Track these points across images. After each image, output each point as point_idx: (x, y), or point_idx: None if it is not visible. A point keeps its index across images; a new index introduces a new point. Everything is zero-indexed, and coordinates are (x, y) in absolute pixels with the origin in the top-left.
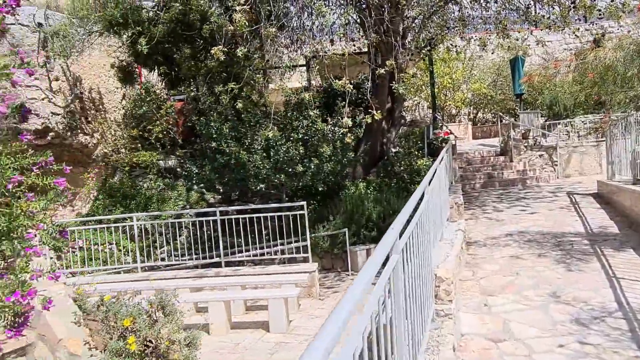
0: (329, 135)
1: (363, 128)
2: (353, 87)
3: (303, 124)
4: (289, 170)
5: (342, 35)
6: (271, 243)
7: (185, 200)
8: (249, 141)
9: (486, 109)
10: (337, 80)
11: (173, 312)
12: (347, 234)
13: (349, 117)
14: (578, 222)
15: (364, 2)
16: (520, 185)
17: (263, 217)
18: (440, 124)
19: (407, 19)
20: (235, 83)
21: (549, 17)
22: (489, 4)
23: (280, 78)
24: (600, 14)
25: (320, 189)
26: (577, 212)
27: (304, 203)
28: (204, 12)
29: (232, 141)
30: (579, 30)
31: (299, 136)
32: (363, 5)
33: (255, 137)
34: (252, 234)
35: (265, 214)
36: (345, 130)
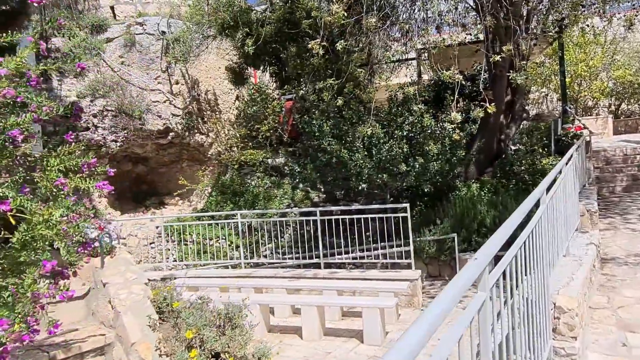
0: (437, 131)
1: (477, 124)
2: (467, 79)
3: (408, 120)
4: (392, 169)
5: (453, 23)
6: (371, 246)
7: (291, 199)
8: (350, 139)
9: (631, 100)
10: (444, 72)
11: (240, 325)
12: (456, 239)
13: (459, 112)
14: None
15: None
16: None
17: (364, 219)
18: (572, 118)
19: None
20: (334, 79)
21: None
22: None
23: (385, 73)
24: None
25: (427, 190)
26: None
27: (406, 205)
28: (309, 9)
29: (333, 139)
30: None
31: (404, 133)
32: None
33: (357, 135)
34: (352, 235)
35: (366, 215)
36: (453, 126)
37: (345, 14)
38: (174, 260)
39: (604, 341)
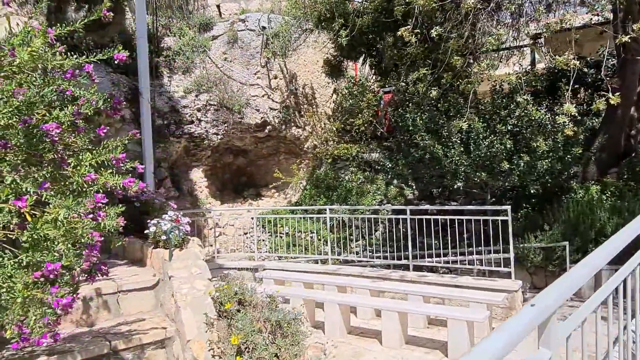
0: (548, 125)
1: (601, 117)
2: (589, 65)
3: (514, 114)
4: (492, 167)
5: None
6: (466, 250)
7: (384, 195)
8: (446, 134)
9: None
10: (557, 57)
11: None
12: (567, 248)
13: (579, 103)
14: None
15: None
16: None
17: (458, 220)
18: None
19: None
20: (428, 69)
21: None
22: None
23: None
24: None
25: (534, 191)
26: None
27: (507, 207)
28: None
29: (427, 134)
30: None
31: (508, 128)
32: None
33: (451, 129)
34: (446, 237)
35: (461, 217)
36: (566, 120)
37: None
38: (266, 251)
39: None
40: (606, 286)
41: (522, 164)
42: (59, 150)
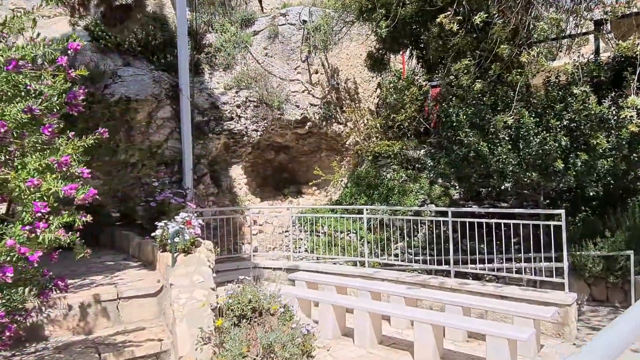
0: (611, 120)
1: None
2: None
3: (571, 107)
4: (544, 167)
5: None
6: (513, 256)
7: (427, 194)
8: (493, 130)
9: None
10: (620, 43)
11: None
12: (632, 257)
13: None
14: None
15: None
16: None
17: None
18: None
19: None
20: (471, 59)
21: None
22: None
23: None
24: None
25: (593, 193)
26: None
27: (561, 211)
28: None
29: (472, 130)
30: None
31: (563, 123)
32: None
33: (493, 124)
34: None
35: (507, 221)
36: (631, 114)
37: None
38: (305, 250)
39: None
40: None
41: (580, 163)
42: (12, 151)
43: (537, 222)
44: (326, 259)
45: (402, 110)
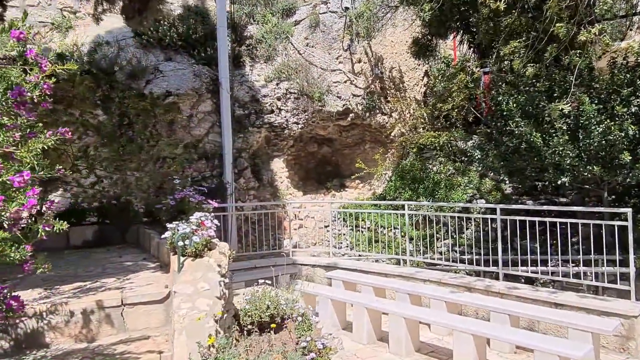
0: None
1: None
2: None
3: None
4: (608, 159)
5: None
6: (570, 258)
7: (476, 189)
8: (548, 119)
9: None
10: None
11: None
12: None
13: None
14: None
15: None
16: None
17: (561, 223)
18: None
19: None
20: (521, 41)
21: None
22: None
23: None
24: None
25: None
26: None
27: (627, 210)
28: None
29: (523, 119)
30: None
31: (631, 110)
32: None
33: (547, 112)
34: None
35: (563, 220)
36: None
37: None
38: (346, 246)
39: None
40: None
41: None
42: None
43: (598, 221)
44: (368, 256)
45: (450, 99)
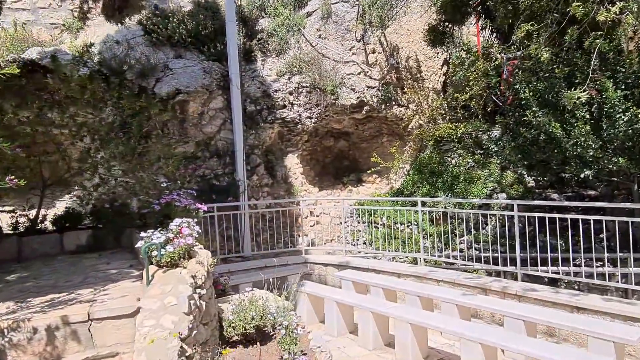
0: None
1: None
2: None
3: None
4: (635, 150)
5: None
6: (596, 256)
7: (497, 182)
8: (569, 108)
9: None
10: None
11: None
12: None
13: None
14: None
15: None
16: None
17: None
18: None
19: None
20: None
21: None
22: None
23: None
24: None
25: None
26: None
27: None
28: None
29: (540, 108)
30: None
31: None
32: None
33: (563, 100)
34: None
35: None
36: None
37: None
38: (363, 243)
39: None
40: None
41: None
42: None
43: (625, 218)
44: (383, 254)
45: (467, 88)
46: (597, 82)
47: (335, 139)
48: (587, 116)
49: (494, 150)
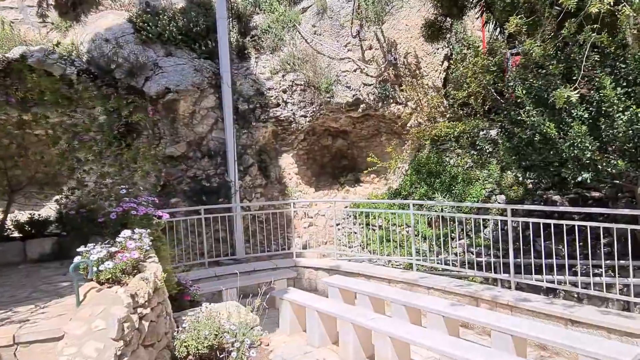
0: None
1: None
2: None
3: None
4: (636, 152)
5: None
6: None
7: (496, 183)
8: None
9: None
10: None
11: None
12: None
13: None
14: None
15: None
16: None
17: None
18: None
19: None
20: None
21: None
22: None
23: None
24: None
25: None
26: None
27: None
28: None
29: (534, 107)
30: None
31: None
32: None
33: (551, 99)
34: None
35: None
36: None
37: None
38: (358, 245)
39: None
40: None
41: None
42: None
43: (623, 226)
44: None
45: (465, 85)
46: (596, 80)
47: (334, 138)
48: (586, 115)
49: (488, 151)
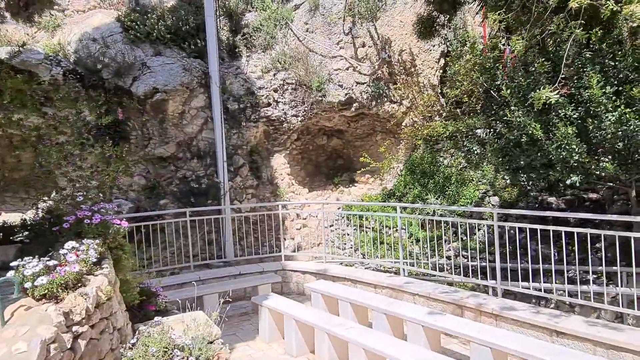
0: None
1: None
2: None
3: None
4: (625, 154)
5: None
6: (576, 269)
7: (490, 184)
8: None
9: None
10: None
11: None
12: None
13: None
14: None
15: None
16: None
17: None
18: None
19: None
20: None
21: None
22: None
23: None
24: None
25: None
26: None
27: None
28: None
29: (518, 107)
30: None
31: None
32: None
33: (535, 102)
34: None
35: (568, 229)
36: None
37: None
38: (350, 247)
39: None
40: None
41: None
42: None
43: (610, 232)
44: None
45: (458, 82)
46: (584, 78)
47: (329, 137)
48: (575, 115)
49: (476, 152)
